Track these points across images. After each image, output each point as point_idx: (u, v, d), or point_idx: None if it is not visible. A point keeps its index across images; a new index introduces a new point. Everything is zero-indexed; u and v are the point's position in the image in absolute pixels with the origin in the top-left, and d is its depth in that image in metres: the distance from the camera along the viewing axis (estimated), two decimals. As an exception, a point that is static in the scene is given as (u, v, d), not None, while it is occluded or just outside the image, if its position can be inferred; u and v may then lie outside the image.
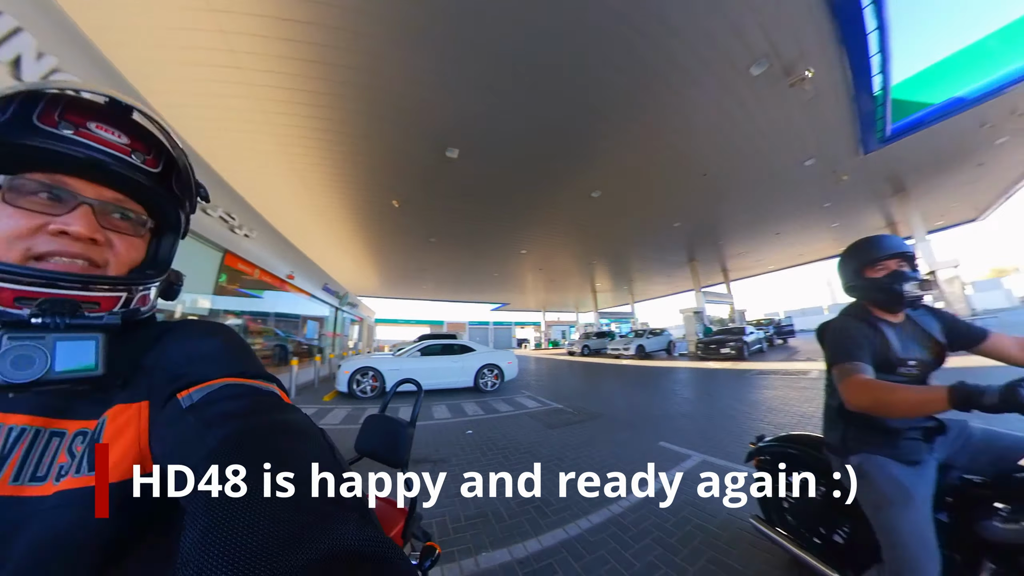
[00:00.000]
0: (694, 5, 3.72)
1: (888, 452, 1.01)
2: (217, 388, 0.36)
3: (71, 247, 0.37)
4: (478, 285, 20.45)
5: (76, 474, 0.33)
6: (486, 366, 7.56)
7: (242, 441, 0.29)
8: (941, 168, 8.70)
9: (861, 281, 1.13)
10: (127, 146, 0.40)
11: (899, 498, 0.95)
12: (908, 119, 6.32)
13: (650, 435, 3.83)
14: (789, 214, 11.22)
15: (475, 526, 1.95)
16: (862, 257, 1.13)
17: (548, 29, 3.82)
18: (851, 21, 4.05)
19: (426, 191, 7.44)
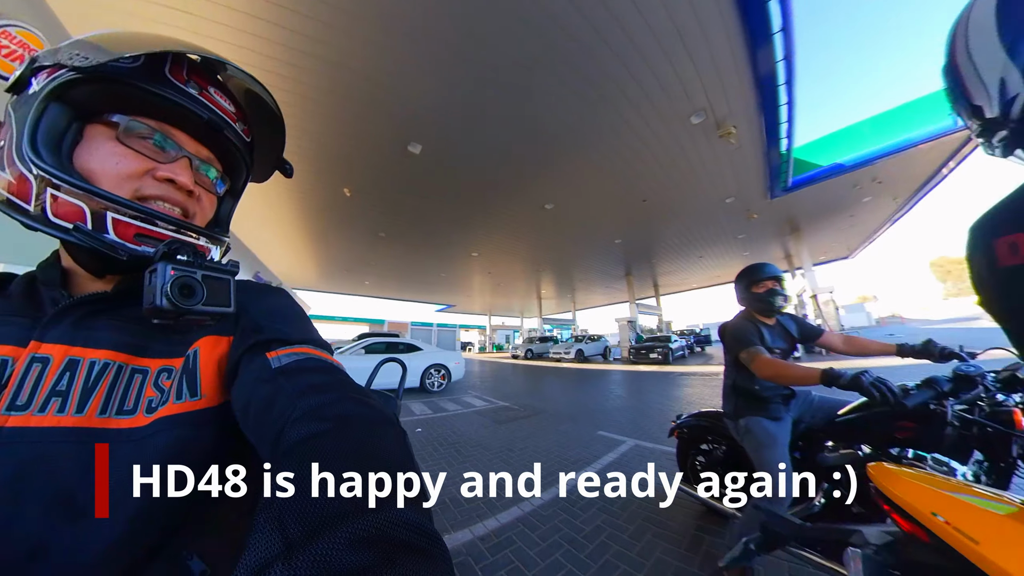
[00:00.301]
0: (656, 59, 4.32)
1: (762, 413, 1.45)
2: (304, 357, 0.38)
3: (174, 195, 0.39)
4: (425, 284, 19.74)
5: (177, 400, 0.36)
6: (433, 366, 7.51)
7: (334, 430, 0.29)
8: (824, 216, 10.95)
9: (749, 295, 1.59)
10: (234, 114, 0.44)
11: (769, 442, 1.38)
12: (803, 175, 7.94)
13: (589, 426, 4.23)
14: (711, 241, 12.97)
15: (435, 515, 2.07)
16: (750, 277, 1.58)
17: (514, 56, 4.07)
18: (768, 94, 5.06)
19: (382, 183, 7.10)
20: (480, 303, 28.80)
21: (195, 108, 0.39)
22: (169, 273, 0.32)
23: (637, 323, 17.44)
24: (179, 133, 0.40)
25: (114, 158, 0.36)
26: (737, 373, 1.55)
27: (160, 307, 0.32)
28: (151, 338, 0.38)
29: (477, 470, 2.70)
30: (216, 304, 0.36)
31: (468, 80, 4.40)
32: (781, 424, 1.42)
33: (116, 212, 0.35)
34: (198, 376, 0.37)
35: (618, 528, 1.89)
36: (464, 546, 1.74)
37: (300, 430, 0.29)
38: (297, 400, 0.32)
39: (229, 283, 0.37)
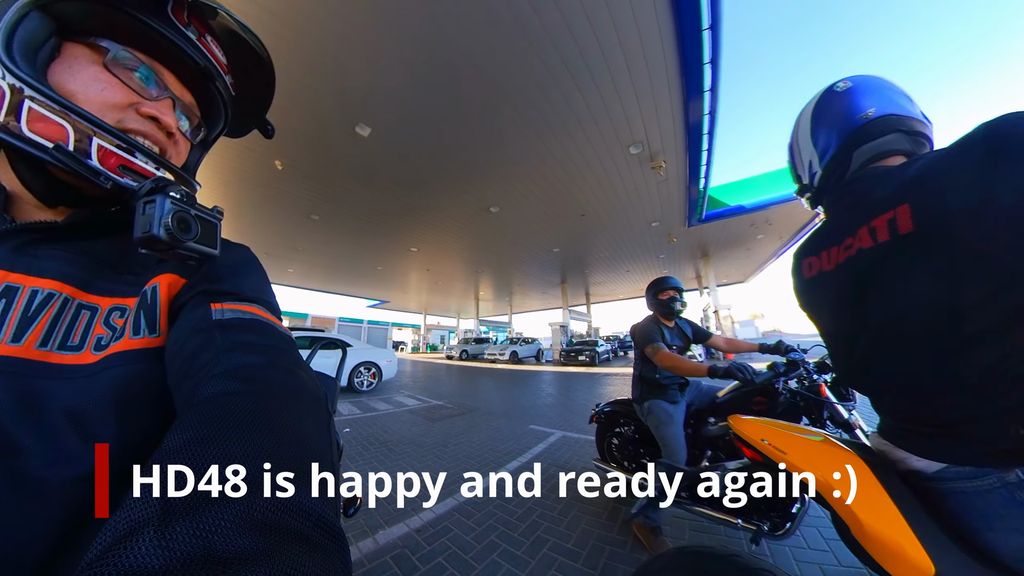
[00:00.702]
0: (608, 92, 4.80)
1: (662, 397, 1.78)
2: (249, 317, 0.36)
3: (155, 133, 0.38)
4: (358, 277, 18.16)
5: (135, 336, 0.34)
6: (363, 364, 7.12)
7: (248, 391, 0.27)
8: (727, 246, 12.95)
9: (655, 301, 1.96)
10: (226, 65, 0.44)
11: (668, 420, 1.70)
12: (714, 211, 9.43)
13: (522, 421, 4.46)
14: (637, 258, 14.42)
15: (367, 512, 2.00)
16: (657, 287, 1.96)
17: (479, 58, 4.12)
18: (694, 139, 5.94)
19: (322, 162, 6.44)
20: (416, 301, 27.73)
21: (192, 53, 0.39)
22: (168, 205, 0.31)
23: (569, 328, 18.50)
24: (168, 73, 0.39)
25: (99, 84, 0.34)
26: (643, 365, 1.87)
27: (157, 236, 0.30)
28: (100, 274, 0.35)
29: (411, 467, 2.73)
30: (205, 244, 0.34)
31: (429, 71, 4.29)
32: (677, 406, 1.77)
33: (101, 139, 0.33)
34: (158, 312, 0.36)
35: (548, 507, 2.07)
36: (400, 539, 1.75)
37: (215, 386, 0.27)
38: (223, 355, 0.30)
39: (217, 227, 0.36)
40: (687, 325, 2.03)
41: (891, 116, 0.61)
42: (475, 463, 2.87)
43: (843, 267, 0.61)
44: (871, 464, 0.55)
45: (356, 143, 5.78)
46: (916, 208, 0.49)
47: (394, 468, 2.76)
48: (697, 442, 1.78)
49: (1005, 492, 0.46)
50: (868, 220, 0.56)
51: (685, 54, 4.18)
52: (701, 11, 3.62)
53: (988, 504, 0.47)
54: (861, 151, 0.62)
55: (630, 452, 2.12)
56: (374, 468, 2.76)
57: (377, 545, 1.70)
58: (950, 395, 0.50)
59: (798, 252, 0.73)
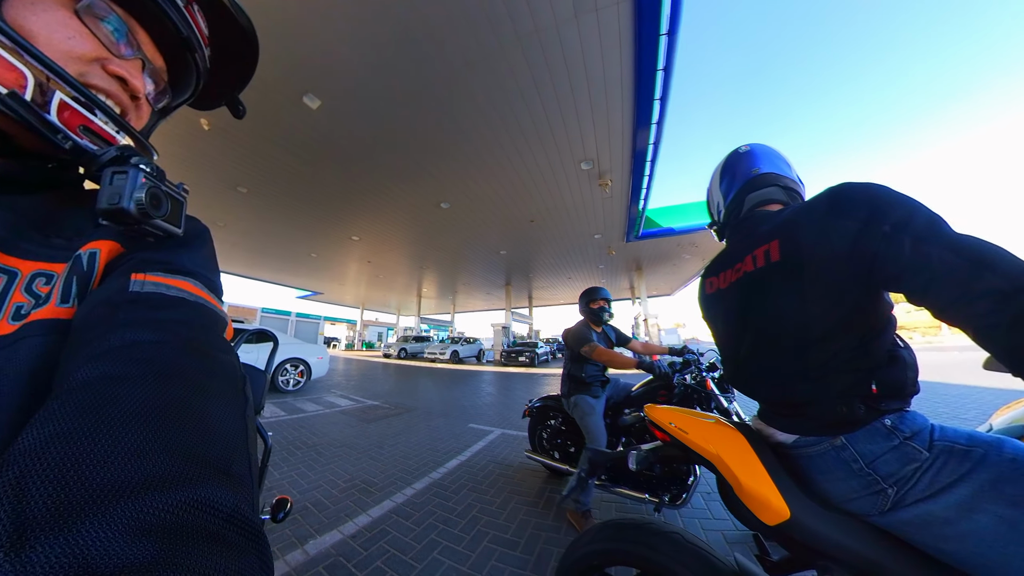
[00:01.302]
0: (568, 108, 5.06)
1: (586, 392, 2.02)
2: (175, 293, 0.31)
3: (120, 94, 0.35)
4: (288, 264, 16.14)
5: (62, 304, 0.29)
6: (290, 361, 6.54)
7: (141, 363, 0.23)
8: (658, 263, 14.42)
9: (587, 308, 2.21)
10: (207, 38, 0.42)
11: (590, 412, 1.94)
12: (649, 230, 10.50)
13: (461, 420, 4.48)
14: (578, 266, 15.26)
15: (295, 521, 1.88)
16: (590, 296, 2.21)
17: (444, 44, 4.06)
18: (639, 164, 6.54)
19: (259, 129, 5.70)
20: (354, 294, 25.84)
21: (176, 19, 0.36)
22: (141, 180, 0.29)
23: (510, 329, 18.84)
24: (143, 33, 0.36)
25: (66, 31, 0.30)
26: (571, 364, 2.11)
27: (126, 210, 0.28)
28: (21, 235, 0.30)
29: (343, 471, 2.61)
30: (171, 223, 0.32)
31: (395, 51, 4.06)
32: (599, 400, 2.03)
33: (64, 92, 0.29)
34: (93, 280, 0.32)
35: (487, 502, 2.14)
36: (334, 547, 1.67)
37: (93, 369, 0.22)
38: (117, 331, 0.25)
39: (183, 205, 0.34)
40: (611, 330, 2.34)
41: (772, 174, 0.82)
42: (413, 463, 2.84)
43: (733, 286, 0.77)
44: (749, 438, 0.71)
45: (302, 114, 5.23)
46: (782, 243, 0.66)
47: (324, 473, 2.61)
48: (615, 430, 2.07)
49: (833, 453, 0.62)
50: (752, 250, 0.72)
51: (639, 88, 4.63)
52: (658, 53, 4.07)
53: (823, 463, 0.63)
54: (750, 197, 0.82)
55: (558, 443, 2.38)
56: (301, 473, 2.59)
57: (308, 556, 1.60)
58: (800, 384, 0.65)
59: (704, 273, 0.92)
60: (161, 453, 0.18)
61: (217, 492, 0.19)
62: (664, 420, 0.82)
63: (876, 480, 0.57)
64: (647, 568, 0.80)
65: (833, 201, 0.60)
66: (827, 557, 0.61)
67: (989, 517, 0.48)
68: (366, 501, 2.14)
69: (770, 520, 0.63)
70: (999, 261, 0.43)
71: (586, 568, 0.89)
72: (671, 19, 3.69)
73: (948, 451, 0.54)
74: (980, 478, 0.50)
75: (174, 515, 0.16)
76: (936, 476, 0.53)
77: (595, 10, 3.58)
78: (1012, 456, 0.49)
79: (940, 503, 0.52)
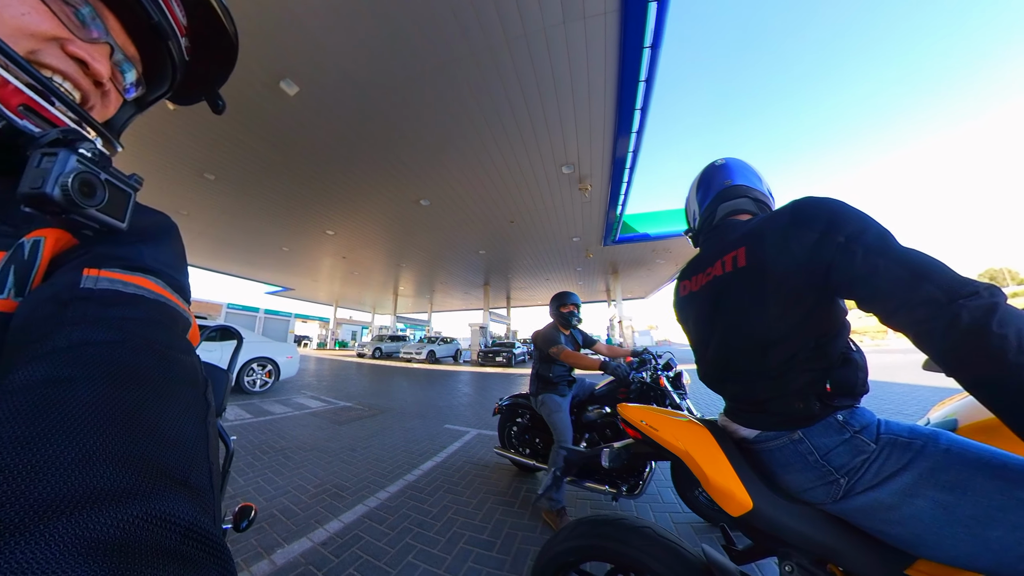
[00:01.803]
0: (552, 112, 5.14)
1: (553, 391, 2.14)
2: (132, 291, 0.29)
3: (80, 78, 0.32)
4: (257, 257, 15.19)
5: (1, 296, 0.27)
6: (256, 360, 6.23)
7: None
8: (633, 267, 14.78)
9: (558, 312, 2.32)
10: (185, 27, 0.40)
11: (556, 409, 2.05)
12: (626, 235, 10.78)
13: (437, 421, 4.44)
14: (557, 268, 15.42)
15: (261, 530, 1.79)
16: (561, 301, 2.32)
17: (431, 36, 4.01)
18: (618, 171, 6.71)
19: (231, 113, 5.33)
20: (327, 291, 24.90)
21: (148, 4, 0.34)
22: (73, 163, 0.26)
23: (488, 329, 18.80)
24: (112, 18, 0.34)
25: (21, 6, 0.29)
26: (540, 364, 2.21)
27: (49, 196, 0.25)
28: None
29: (313, 475, 2.52)
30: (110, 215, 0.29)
31: (381, 43, 3.96)
32: (565, 399, 2.14)
33: (6, 68, 0.27)
34: (35, 272, 0.29)
35: (463, 503, 2.13)
36: (303, 556, 1.60)
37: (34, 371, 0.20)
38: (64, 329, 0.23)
39: (130, 197, 0.30)
40: (579, 333, 2.46)
41: (743, 186, 0.88)
42: (387, 466, 2.78)
43: (704, 288, 0.82)
44: (715, 435, 0.76)
45: (278, 100, 4.97)
46: (748, 251, 0.70)
47: (293, 478, 2.51)
48: (579, 426, 2.19)
49: (791, 446, 0.66)
50: (722, 256, 0.77)
51: (622, 97, 4.76)
52: (641, 65, 4.23)
53: (782, 456, 0.68)
54: (723, 207, 0.87)
55: (527, 439, 2.49)
56: (268, 479, 2.48)
57: (275, 566, 1.52)
58: (761, 383, 0.69)
59: (679, 277, 0.98)
60: (111, 462, 0.17)
61: (174, 504, 0.17)
62: (636, 418, 0.85)
63: (830, 471, 0.62)
64: (620, 562, 0.83)
65: (795, 213, 0.65)
66: (787, 544, 0.65)
67: (927, 502, 0.53)
68: (337, 506, 2.08)
69: (734, 511, 0.67)
70: (937, 274, 0.48)
71: (562, 565, 0.91)
72: (655, 33, 3.82)
73: (892, 443, 0.59)
74: (919, 467, 0.55)
75: (125, 531, 0.15)
76: (882, 466, 0.58)
77: (583, 18, 3.65)
78: (946, 447, 0.55)
79: (885, 491, 0.56)
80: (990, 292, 0.45)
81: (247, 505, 0.80)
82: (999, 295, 0.45)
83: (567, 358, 2.05)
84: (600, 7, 3.56)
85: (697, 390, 6.42)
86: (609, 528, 0.85)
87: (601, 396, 2.20)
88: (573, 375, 2.27)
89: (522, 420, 2.52)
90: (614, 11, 3.60)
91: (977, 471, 0.51)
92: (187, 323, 0.33)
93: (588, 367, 2.03)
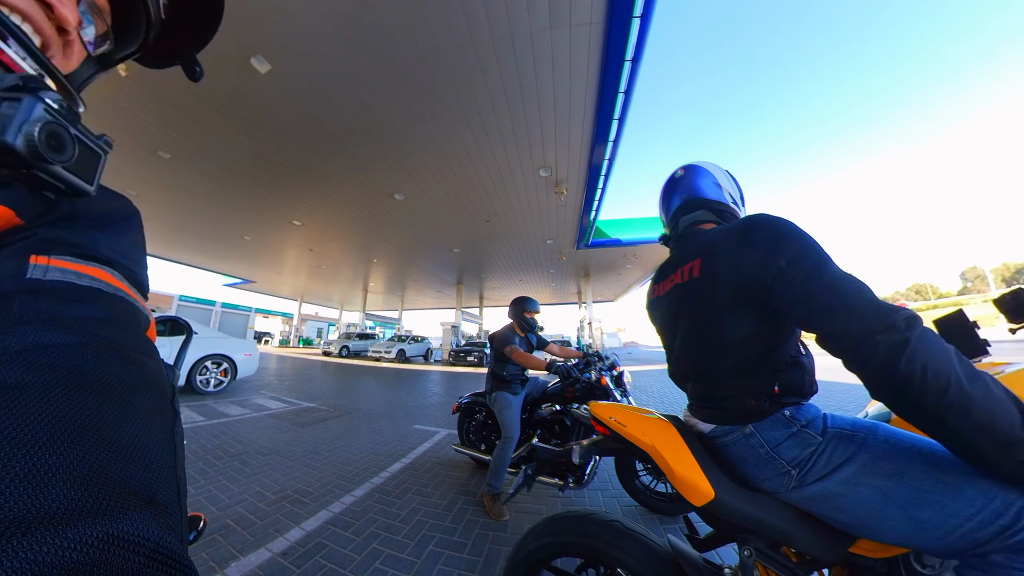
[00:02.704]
0: (532, 115, 5.18)
1: (506, 389, 2.26)
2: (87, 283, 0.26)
3: (41, 21, 0.29)
4: (215, 246, 13.95)
5: None
6: (211, 357, 5.82)
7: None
8: (604, 271, 15.20)
9: (520, 316, 2.44)
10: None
11: (507, 407, 2.18)
12: (599, 240, 11.10)
13: (406, 421, 4.36)
14: (530, 269, 15.55)
15: (214, 542, 1.67)
16: (524, 305, 2.44)
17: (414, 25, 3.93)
18: (593, 177, 6.90)
19: (192, 87, 4.84)
20: (291, 285, 23.52)
21: None
22: (39, 111, 0.23)
23: (460, 329, 18.64)
24: None
25: None
26: (495, 363, 2.33)
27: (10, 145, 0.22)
28: None
29: (272, 481, 2.40)
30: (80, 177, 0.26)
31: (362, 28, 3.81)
32: (517, 396, 2.28)
33: None
34: None
35: (432, 505, 2.11)
36: (261, 567, 1.51)
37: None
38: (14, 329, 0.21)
39: (100, 159, 0.27)
40: (533, 335, 2.61)
41: (700, 199, 0.91)
42: (352, 469, 2.70)
43: (669, 293, 0.86)
44: (680, 430, 0.80)
45: (247, 78, 4.61)
46: (703, 263, 0.75)
47: (250, 484, 2.37)
48: (532, 423, 2.36)
49: (744, 440, 0.71)
50: (682, 264, 0.81)
51: (601, 106, 4.89)
52: (621, 77, 4.36)
53: (737, 449, 0.73)
54: (684, 219, 0.91)
55: (483, 435, 2.64)
56: (222, 487, 2.32)
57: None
58: (719, 382, 0.74)
59: (652, 279, 1.01)
60: (66, 479, 0.15)
61: (137, 523, 0.16)
62: (605, 415, 0.88)
63: (781, 463, 0.67)
64: (591, 556, 0.86)
65: (745, 232, 0.69)
66: (746, 530, 0.70)
67: (869, 489, 0.58)
68: (299, 513, 1.98)
69: (698, 501, 0.71)
70: (861, 306, 0.53)
71: (534, 563, 0.92)
72: (636, 48, 3.96)
73: (838, 436, 0.65)
74: (862, 458, 0.61)
75: (85, 553, 0.14)
76: (830, 458, 0.63)
77: (569, 26, 3.72)
78: (884, 438, 0.61)
79: (833, 481, 0.62)
80: (907, 324, 0.51)
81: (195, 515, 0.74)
82: (914, 329, 0.50)
83: (518, 358, 2.21)
84: (587, 17, 3.63)
85: (667, 391, 6.70)
86: (579, 524, 0.88)
87: (552, 395, 2.36)
88: (526, 375, 2.39)
89: (480, 417, 2.66)
90: (600, 22, 3.69)
91: (911, 459, 0.57)
92: (147, 321, 0.30)
93: (536, 367, 2.19)
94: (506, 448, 2.05)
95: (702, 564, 0.78)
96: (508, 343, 2.27)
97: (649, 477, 2.12)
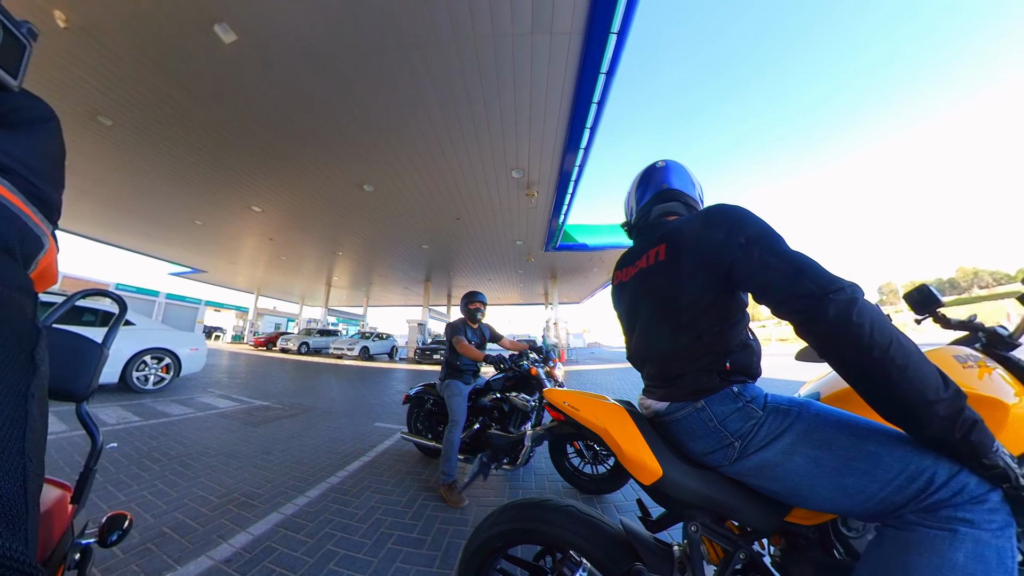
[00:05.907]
0: (508, 116, 5.23)
1: (457, 378, 2.44)
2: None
3: None
4: (162, 230, 12.43)
5: None
6: (150, 351, 5.26)
7: None
8: (571, 273, 15.71)
9: (466, 308, 2.60)
10: None
11: (457, 394, 2.35)
12: (566, 243, 11.46)
13: (367, 419, 4.24)
14: (499, 269, 15.63)
15: (147, 552, 1.53)
16: (469, 298, 2.60)
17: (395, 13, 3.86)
18: (564, 182, 7.09)
19: (145, 51, 4.27)
20: (247, 277, 21.68)
21: None
22: None
23: (427, 327, 18.32)
24: None
25: None
26: (450, 353, 2.51)
27: None
28: None
29: (217, 484, 2.25)
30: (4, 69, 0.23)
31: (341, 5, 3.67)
32: (467, 385, 2.45)
33: None
34: None
35: (392, 503, 2.07)
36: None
37: None
38: None
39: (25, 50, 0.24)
40: (487, 328, 2.74)
41: (677, 191, 0.97)
42: (307, 469, 2.58)
43: (633, 278, 0.90)
44: (630, 412, 0.83)
45: (209, 46, 4.18)
46: (668, 247, 0.80)
47: (191, 488, 2.20)
48: (476, 411, 2.51)
49: (695, 414, 0.75)
50: (648, 250, 0.86)
51: (574, 114, 5.03)
52: (596, 88, 4.51)
53: (687, 424, 0.76)
54: (657, 207, 0.96)
55: (430, 425, 2.80)
56: (158, 491, 2.13)
57: None
58: (673, 362, 0.79)
59: (615, 267, 1.05)
60: None
61: None
62: (559, 401, 0.90)
63: (726, 435, 0.73)
64: (547, 542, 0.88)
65: (706, 217, 0.76)
66: (692, 507, 0.75)
67: (802, 458, 0.64)
68: (246, 517, 1.86)
69: (647, 480, 0.75)
70: (813, 272, 0.60)
71: (490, 551, 0.93)
72: (612, 62, 4.12)
73: (776, 410, 0.71)
74: (797, 429, 0.66)
75: None
76: (769, 430, 0.69)
77: (550, 33, 3.80)
78: (816, 412, 0.68)
79: (771, 451, 0.67)
80: (852, 289, 0.58)
81: (119, 513, 0.65)
82: (859, 292, 0.58)
83: (460, 348, 2.39)
84: (567, 26, 3.73)
85: (625, 385, 6.93)
86: (534, 511, 0.90)
87: (493, 384, 2.54)
88: (478, 367, 2.55)
89: (428, 406, 2.78)
90: (579, 33, 3.80)
91: (838, 430, 0.64)
92: (36, 248, 0.25)
93: (474, 357, 2.35)
94: (454, 432, 2.19)
95: (653, 543, 0.83)
96: (457, 333, 2.46)
97: (578, 459, 2.35)
